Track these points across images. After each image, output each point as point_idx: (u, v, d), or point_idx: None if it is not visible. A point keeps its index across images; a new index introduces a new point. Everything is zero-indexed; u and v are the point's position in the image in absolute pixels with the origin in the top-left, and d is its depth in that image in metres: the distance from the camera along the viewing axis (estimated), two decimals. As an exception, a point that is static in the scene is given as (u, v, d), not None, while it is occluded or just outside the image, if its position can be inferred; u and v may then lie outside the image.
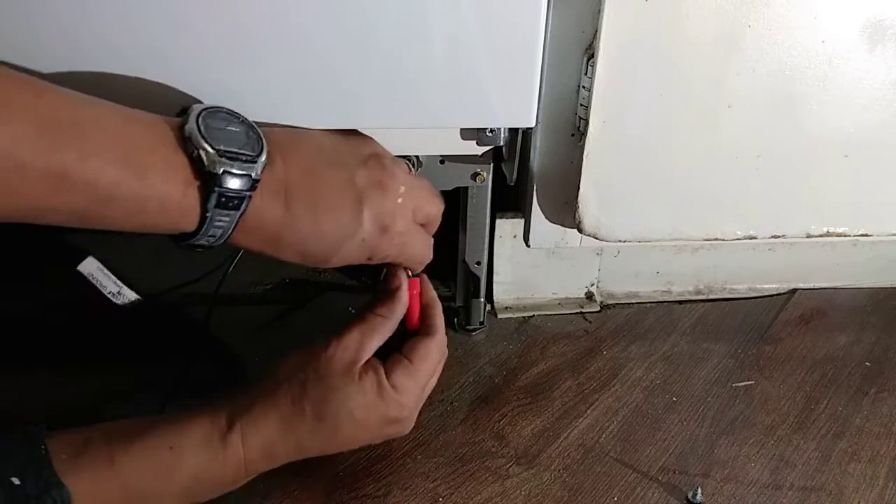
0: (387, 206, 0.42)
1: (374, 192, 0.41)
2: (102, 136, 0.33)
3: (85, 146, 0.32)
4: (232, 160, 0.36)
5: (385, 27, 0.43)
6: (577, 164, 0.55)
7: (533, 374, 0.61)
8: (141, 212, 0.35)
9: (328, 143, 0.42)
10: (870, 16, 0.50)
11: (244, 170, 0.36)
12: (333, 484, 0.50)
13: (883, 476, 0.53)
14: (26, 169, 0.31)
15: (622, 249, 0.68)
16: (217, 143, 0.36)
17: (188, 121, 0.36)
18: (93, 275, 0.56)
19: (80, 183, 0.32)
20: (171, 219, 0.36)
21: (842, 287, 0.74)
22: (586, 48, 0.51)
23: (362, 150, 0.43)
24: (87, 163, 0.32)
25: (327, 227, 0.40)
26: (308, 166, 0.40)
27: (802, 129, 0.55)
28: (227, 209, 0.36)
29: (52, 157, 0.31)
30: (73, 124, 0.33)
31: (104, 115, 0.34)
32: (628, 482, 0.52)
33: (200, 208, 0.36)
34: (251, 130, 0.38)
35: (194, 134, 0.35)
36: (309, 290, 0.69)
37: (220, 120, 0.37)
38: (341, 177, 0.41)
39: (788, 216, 0.60)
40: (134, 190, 0.34)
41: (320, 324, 0.65)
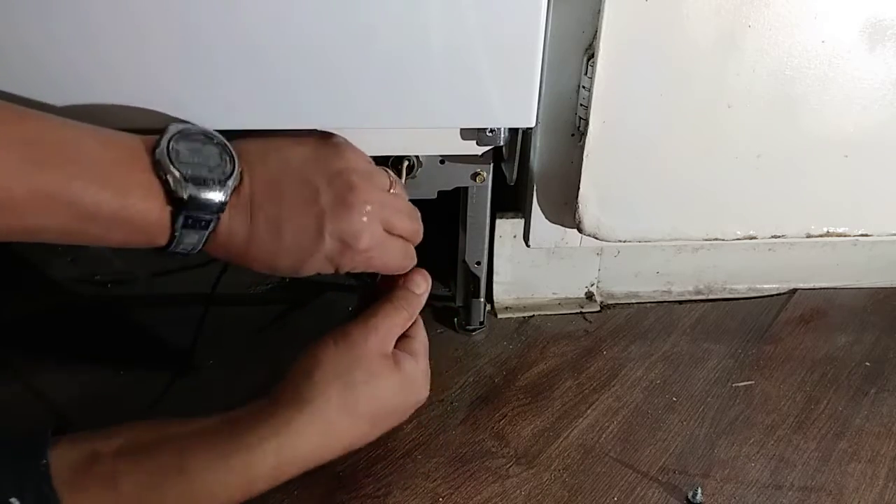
0: (350, 224, 0.41)
1: (337, 209, 0.41)
2: (84, 160, 0.35)
3: (68, 169, 0.35)
4: (199, 185, 0.37)
5: (385, 27, 0.43)
6: (577, 164, 0.55)
7: (533, 374, 0.61)
8: (119, 229, 0.37)
9: (297, 158, 0.42)
10: (870, 16, 0.50)
11: (212, 194, 0.38)
12: (333, 484, 0.50)
13: (883, 476, 0.53)
14: (13, 190, 0.33)
15: (622, 249, 0.68)
16: (185, 168, 0.37)
17: (159, 144, 0.38)
18: None
19: (64, 203, 0.35)
20: (146, 236, 0.38)
21: (842, 287, 0.74)
22: (586, 48, 0.51)
23: (331, 165, 0.42)
24: (70, 184, 0.35)
25: (289, 243, 0.41)
26: (272, 181, 0.41)
27: (802, 129, 0.55)
28: (194, 229, 0.38)
29: (37, 179, 0.34)
30: (56, 148, 0.35)
31: (84, 138, 0.36)
32: (628, 482, 0.52)
33: (171, 227, 0.38)
34: (224, 151, 0.39)
35: (163, 159, 0.37)
36: (309, 290, 0.69)
37: (193, 141, 0.39)
38: (304, 194, 0.41)
39: (788, 216, 0.60)
40: (113, 209, 0.36)
41: (320, 324, 0.64)
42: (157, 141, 0.38)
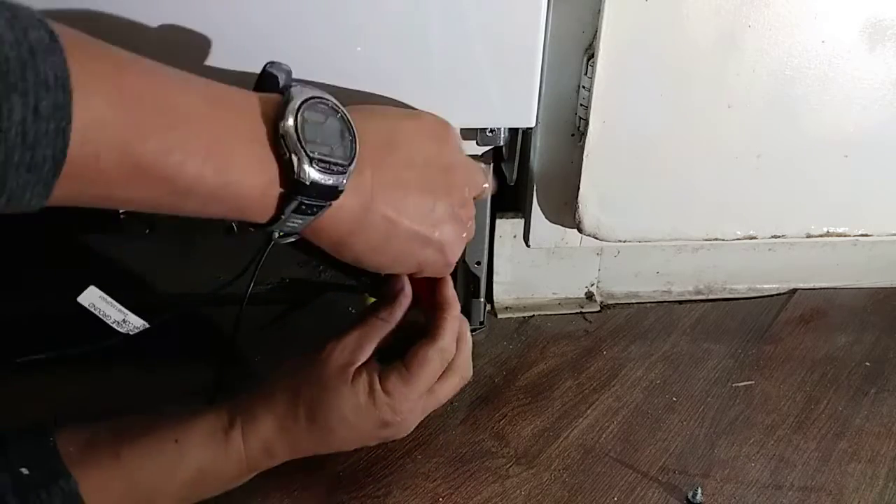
0: (453, 239, 0.42)
1: (448, 224, 0.41)
2: (186, 127, 0.31)
3: (167, 138, 0.30)
4: (323, 168, 0.33)
5: (385, 27, 0.43)
6: (577, 164, 0.55)
7: (533, 374, 0.61)
8: (217, 206, 0.33)
9: (420, 158, 0.40)
10: (870, 16, 0.50)
11: (331, 179, 0.34)
12: (333, 484, 0.50)
13: (883, 476, 0.53)
14: (101, 158, 0.28)
15: (622, 249, 0.68)
16: (312, 149, 0.33)
17: (286, 115, 0.33)
18: (94, 305, 0.54)
19: (159, 178, 0.30)
20: (244, 213, 0.34)
21: (842, 287, 0.74)
22: (586, 48, 0.51)
23: (453, 171, 0.41)
24: (167, 157, 0.30)
25: (395, 246, 0.40)
26: (395, 182, 0.38)
27: (802, 130, 0.55)
28: (304, 215, 0.35)
29: (129, 149, 0.29)
30: (156, 109, 0.30)
31: (189, 99, 0.32)
32: (628, 482, 0.52)
33: (277, 209, 0.34)
34: (347, 130, 0.35)
35: (290, 136, 0.33)
36: (309, 290, 0.69)
37: (320, 114, 0.34)
38: (424, 202, 0.40)
39: (788, 216, 0.60)
40: (213, 187, 0.32)
41: (320, 324, 0.65)
42: (280, 108, 0.33)
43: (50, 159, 0.27)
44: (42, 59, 0.26)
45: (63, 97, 0.26)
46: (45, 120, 0.26)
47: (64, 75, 0.26)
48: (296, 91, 0.34)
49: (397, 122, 0.40)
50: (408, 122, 0.41)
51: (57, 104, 0.26)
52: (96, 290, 0.53)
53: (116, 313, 0.54)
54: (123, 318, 0.54)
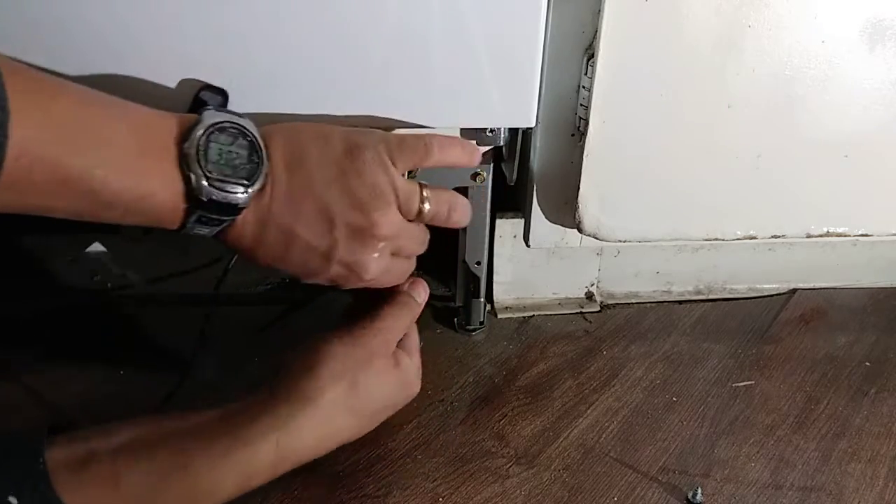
0: (360, 258, 0.42)
1: (351, 244, 0.41)
2: (109, 148, 0.35)
3: (92, 157, 0.34)
4: (220, 188, 0.37)
5: (385, 27, 0.43)
6: (577, 164, 0.55)
7: (533, 374, 0.61)
8: (134, 216, 0.37)
9: (321, 178, 0.40)
10: (870, 16, 0.50)
11: (230, 198, 0.37)
12: (333, 484, 0.50)
13: (883, 476, 0.53)
14: (34, 172, 0.32)
15: (622, 249, 0.68)
16: (210, 169, 0.37)
17: (190, 138, 0.37)
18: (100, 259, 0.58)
19: (84, 191, 0.34)
20: (159, 221, 0.38)
21: (842, 287, 0.74)
22: (586, 48, 0.51)
23: (354, 193, 0.41)
24: (92, 173, 0.34)
25: (296, 259, 0.41)
26: (293, 199, 0.40)
27: (802, 130, 0.55)
28: (207, 226, 0.39)
29: (59, 165, 0.33)
30: (84, 131, 0.34)
31: (113, 121, 0.36)
32: (628, 482, 0.52)
33: (183, 220, 0.38)
34: (254, 152, 0.39)
35: (190, 157, 0.37)
36: (309, 290, 0.69)
37: (228, 136, 0.38)
38: (321, 219, 0.40)
39: (788, 216, 0.60)
40: (131, 200, 0.36)
41: (320, 324, 0.64)
42: (188, 130, 0.37)
43: None
44: None
45: (2, 115, 0.30)
46: None
47: (3, 97, 0.31)
48: (207, 115, 0.38)
49: (306, 141, 0.41)
50: (316, 142, 0.41)
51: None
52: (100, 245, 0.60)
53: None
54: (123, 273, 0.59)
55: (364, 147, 0.41)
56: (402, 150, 0.43)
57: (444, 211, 0.45)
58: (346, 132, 0.42)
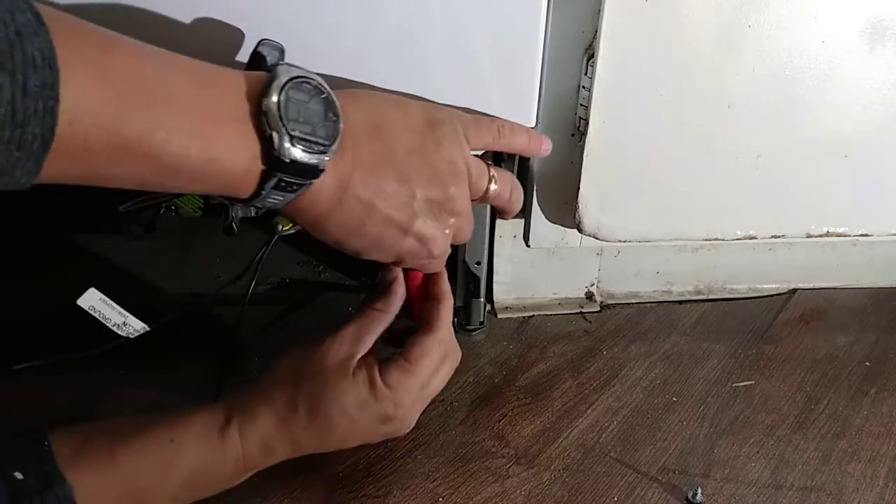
0: (434, 233, 0.42)
1: (428, 217, 0.41)
2: (171, 106, 0.31)
3: (152, 117, 0.31)
4: (304, 148, 0.34)
5: (385, 27, 0.43)
6: (577, 164, 0.55)
7: (533, 374, 0.61)
8: (201, 182, 0.34)
9: (403, 147, 0.40)
10: (870, 16, 0.50)
11: (312, 159, 0.35)
12: (333, 484, 0.50)
13: (883, 476, 0.53)
14: (88, 136, 0.29)
15: (622, 249, 0.68)
16: (293, 128, 0.34)
17: (269, 93, 0.33)
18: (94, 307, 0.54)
19: (144, 156, 0.31)
20: (228, 188, 0.35)
21: (842, 287, 0.74)
22: (586, 48, 0.51)
23: (434, 166, 0.40)
24: (153, 136, 0.31)
25: (372, 231, 0.40)
26: (375, 167, 0.38)
27: (802, 130, 0.55)
28: (284, 192, 0.36)
29: (116, 128, 0.30)
30: (141, 89, 0.31)
31: (174, 78, 0.32)
32: (628, 482, 0.52)
33: (258, 185, 0.35)
34: (331, 110, 0.36)
35: (272, 113, 0.33)
36: (309, 290, 0.69)
37: (304, 93, 0.35)
38: (401, 192, 0.39)
39: (788, 216, 0.60)
40: (198, 164, 0.32)
41: (320, 324, 0.64)
42: (264, 86, 0.34)
43: (39, 137, 0.27)
44: (29, 40, 0.27)
45: (51, 76, 0.27)
46: (34, 98, 0.27)
47: (51, 55, 0.27)
48: (282, 70, 0.34)
49: (385, 109, 0.40)
50: (396, 111, 0.40)
51: (45, 83, 0.27)
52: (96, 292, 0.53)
53: (117, 316, 0.54)
54: (124, 320, 0.53)
55: (442, 121, 0.41)
56: (478, 129, 0.43)
57: (507, 191, 0.46)
58: (423, 104, 0.42)
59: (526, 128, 0.48)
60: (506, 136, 0.46)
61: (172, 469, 0.41)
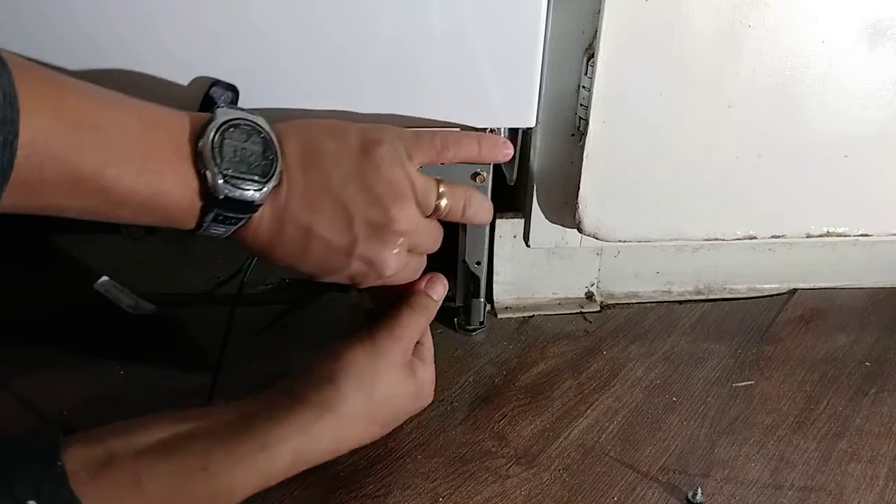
0: (379, 254, 0.41)
1: (371, 240, 0.41)
2: (121, 146, 0.34)
3: (104, 154, 0.33)
4: (236, 186, 0.36)
5: (385, 27, 0.43)
6: (577, 164, 0.55)
7: (533, 374, 0.61)
8: (148, 215, 0.36)
9: (339, 174, 0.40)
10: (870, 16, 0.50)
11: (248, 195, 0.37)
12: (333, 484, 0.50)
13: (883, 476, 0.53)
14: (44, 169, 0.31)
15: (622, 249, 0.68)
16: (226, 167, 0.36)
17: (204, 136, 0.36)
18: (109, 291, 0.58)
19: (96, 189, 0.33)
20: (172, 221, 0.37)
21: (842, 287, 0.74)
22: (586, 48, 0.51)
23: (372, 189, 0.40)
24: (104, 171, 0.33)
25: (316, 256, 0.41)
26: (310, 196, 0.40)
27: (802, 129, 0.55)
28: (223, 224, 0.38)
29: (70, 163, 0.32)
30: (94, 129, 0.33)
31: (125, 119, 0.35)
32: (628, 482, 0.52)
33: (199, 218, 0.38)
34: (269, 149, 0.38)
35: (205, 154, 0.36)
36: (309, 290, 0.69)
37: (241, 133, 0.37)
38: (340, 216, 0.40)
39: (788, 216, 0.60)
40: (144, 198, 0.35)
41: (320, 324, 0.65)
42: (202, 128, 0.37)
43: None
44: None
45: (11, 113, 0.30)
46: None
47: (12, 94, 0.30)
48: (220, 112, 0.37)
49: (320, 137, 0.41)
50: (331, 139, 0.41)
51: (5, 119, 0.29)
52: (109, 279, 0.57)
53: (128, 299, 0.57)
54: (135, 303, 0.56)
55: (380, 142, 0.41)
56: (419, 146, 0.43)
57: (459, 206, 0.46)
58: (361, 127, 0.42)
59: (475, 136, 0.46)
60: (450, 149, 0.44)
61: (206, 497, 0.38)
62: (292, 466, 0.41)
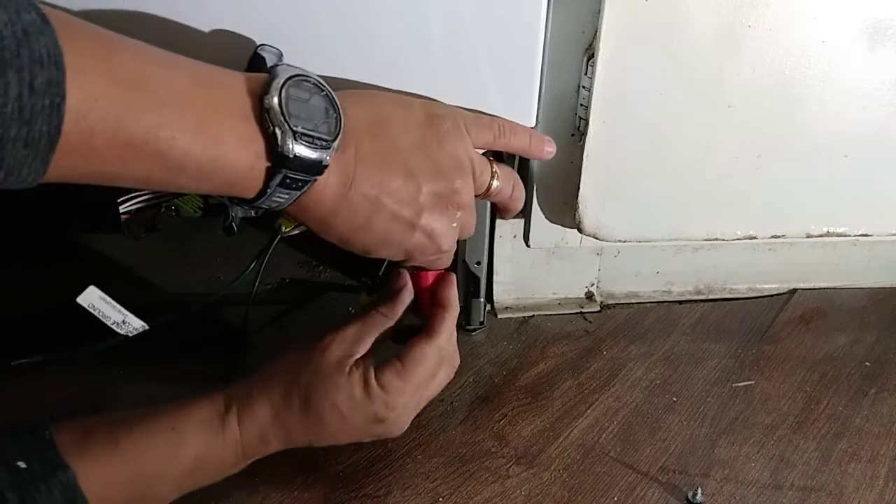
0: (442, 226, 0.42)
1: (435, 211, 0.41)
2: (175, 104, 0.32)
3: (157, 115, 0.31)
4: (307, 143, 0.34)
5: (385, 28, 0.43)
6: (577, 164, 0.55)
7: (533, 374, 0.61)
8: (207, 181, 0.34)
9: (405, 143, 0.40)
10: (870, 16, 0.50)
11: (316, 153, 0.35)
12: (333, 484, 0.50)
13: (883, 476, 0.53)
14: (94, 134, 0.29)
15: (622, 249, 0.68)
16: (295, 124, 0.34)
17: (270, 91, 0.34)
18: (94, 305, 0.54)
19: (150, 153, 0.31)
20: (233, 188, 0.35)
21: (842, 287, 0.74)
22: (586, 48, 0.51)
23: (438, 159, 0.41)
24: (158, 133, 0.31)
25: (379, 227, 0.40)
26: (379, 163, 0.39)
27: (802, 129, 0.55)
28: (289, 189, 0.36)
29: (122, 126, 0.30)
30: (145, 88, 0.31)
31: (178, 77, 0.33)
32: (628, 482, 0.52)
33: (264, 183, 0.35)
34: (331, 107, 0.36)
35: (274, 110, 0.34)
36: (309, 290, 0.69)
37: (304, 91, 0.35)
38: (407, 186, 0.40)
39: (788, 216, 0.60)
40: (203, 162, 0.33)
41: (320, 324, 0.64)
42: (265, 85, 0.35)
43: (46, 135, 0.28)
44: (35, 38, 0.27)
45: (57, 73, 0.27)
46: (41, 96, 0.27)
47: (57, 53, 0.27)
48: (281, 69, 0.35)
49: (386, 106, 0.41)
50: (397, 108, 0.41)
51: (51, 80, 0.27)
52: (96, 290, 0.53)
53: (116, 314, 0.54)
54: (123, 319, 0.54)
55: (444, 117, 0.42)
56: (478, 126, 0.44)
57: (509, 187, 0.46)
58: (424, 101, 0.43)
59: (528, 129, 0.48)
60: (506, 136, 0.46)
61: (175, 456, 0.41)
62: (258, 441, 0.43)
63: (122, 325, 0.54)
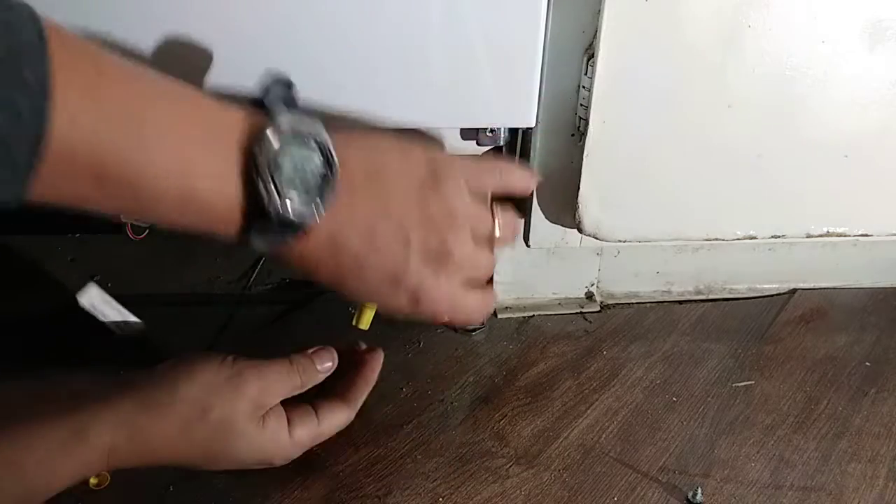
0: (431, 288, 0.40)
1: (426, 271, 0.39)
2: (161, 140, 0.31)
3: (138, 144, 0.30)
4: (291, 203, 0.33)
5: (385, 27, 0.43)
6: (577, 164, 0.55)
7: (533, 374, 0.61)
8: (183, 217, 0.33)
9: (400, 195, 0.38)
10: (870, 16, 0.50)
11: (300, 216, 0.34)
12: (333, 484, 0.50)
13: (883, 476, 0.53)
14: (75, 160, 0.28)
15: (622, 249, 0.68)
16: (283, 182, 0.33)
17: (263, 142, 0.33)
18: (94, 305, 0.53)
19: (126, 183, 0.30)
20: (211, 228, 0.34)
21: (842, 287, 0.74)
22: (586, 48, 0.51)
23: (432, 216, 0.39)
24: (137, 162, 0.30)
25: (366, 279, 0.39)
26: (368, 216, 0.37)
27: (802, 129, 0.55)
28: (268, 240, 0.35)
29: (101, 152, 0.29)
30: (132, 117, 0.30)
31: (168, 108, 0.32)
32: (628, 482, 0.52)
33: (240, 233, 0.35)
34: (327, 167, 0.35)
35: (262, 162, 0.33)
36: (309, 290, 0.69)
37: (300, 146, 0.34)
38: (396, 241, 0.38)
39: (788, 216, 0.60)
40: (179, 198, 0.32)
41: (320, 324, 0.65)
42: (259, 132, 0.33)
43: (26, 157, 0.27)
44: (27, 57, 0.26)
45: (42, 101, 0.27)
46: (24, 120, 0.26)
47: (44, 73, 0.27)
48: (283, 119, 0.34)
49: (385, 155, 0.39)
50: (394, 156, 0.39)
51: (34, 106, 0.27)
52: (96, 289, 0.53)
53: (115, 313, 0.54)
54: (122, 318, 0.54)
55: (444, 169, 0.40)
56: (480, 177, 0.42)
57: (509, 235, 0.45)
58: (424, 150, 0.41)
59: (517, 167, 0.47)
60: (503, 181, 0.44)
61: None
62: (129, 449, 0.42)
63: (121, 325, 0.54)
